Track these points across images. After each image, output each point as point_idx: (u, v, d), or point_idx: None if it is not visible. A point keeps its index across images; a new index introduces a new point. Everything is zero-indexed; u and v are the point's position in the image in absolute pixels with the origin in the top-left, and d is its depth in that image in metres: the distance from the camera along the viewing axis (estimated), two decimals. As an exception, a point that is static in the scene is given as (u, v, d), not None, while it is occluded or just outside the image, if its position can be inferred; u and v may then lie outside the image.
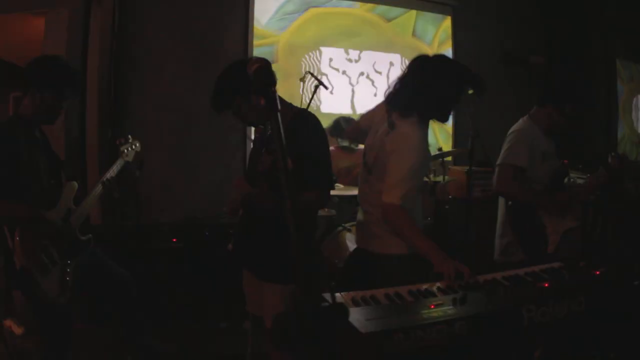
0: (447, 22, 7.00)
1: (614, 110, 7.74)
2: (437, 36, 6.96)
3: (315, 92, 4.73)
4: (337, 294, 1.93)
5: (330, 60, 6.30)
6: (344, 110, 6.28)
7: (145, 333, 3.49)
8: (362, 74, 6.47)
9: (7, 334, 3.03)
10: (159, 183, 5.36)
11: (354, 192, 5.24)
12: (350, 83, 6.42)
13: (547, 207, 3.40)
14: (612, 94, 7.72)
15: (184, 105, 5.55)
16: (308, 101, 4.67)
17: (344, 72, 6.39)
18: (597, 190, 3.45)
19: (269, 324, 2.65)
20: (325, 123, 5.84)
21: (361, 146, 5.70)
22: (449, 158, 6.08)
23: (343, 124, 5.53)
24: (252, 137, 4.51)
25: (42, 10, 5.35)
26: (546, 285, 2.06)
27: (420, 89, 2.68)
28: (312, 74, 4.86)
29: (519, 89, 5.90)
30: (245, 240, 2.81)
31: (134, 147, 3.50)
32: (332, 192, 4.82)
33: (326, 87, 4.82)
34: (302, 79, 5.13)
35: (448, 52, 6.97)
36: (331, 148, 5.54)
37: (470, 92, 4.80)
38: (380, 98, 2.95)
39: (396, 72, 6.57)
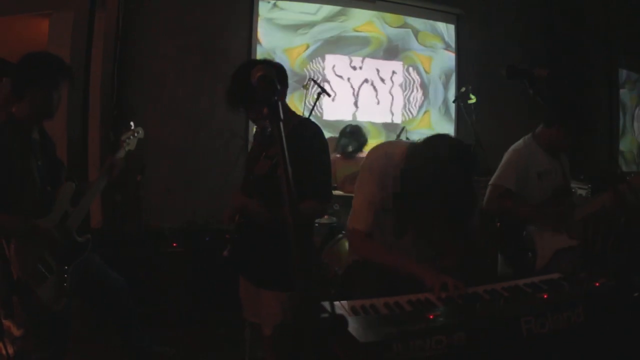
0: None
1: (615, 120, 7.74)
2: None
3: (318, 99, 4.74)
4: (337, 303, 1.93)
5: (334, 67, 6.32)
6: (347, 117, 6.30)
7: (144, 338, 3.48)
8: (365, 81, 6.48)
9: (7, 334, 3.01)
10: (161, 188, 5.37)
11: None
12: (353, 90, 6.44)
13: (535, 221, 3.42)
14: (615, 104, 7.71)
15: (187, 110, 5.58)
16: (311, 108, 4.68)
17: (348, 79, 6.41)
18: (602, 210, 3.44)
19: (267, 331, 2.65)
20: (328, 130, 5.87)
21: (361, 154, 5.74)
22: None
23: (348, 133, 5.57)
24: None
25: (46, 12, 5.37)
26: (545, 296, 2.05)
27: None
28: (315, 81, 4.88)
29: (522, 100, 5.90)
30: (242, 247, 2.80)
31: (136, 134, 3.44)
32: (333, 198, 4.84)
33: (329, 95, 4.84)
34: (306, 86, 5.14)
35: (451, 60, 7.02)
36: (334, 155, 5.59)
37: (472, 101, 4.84)
38: (382, 105, 2.94)
39: (399, 80, 6.59)
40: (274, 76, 1.54)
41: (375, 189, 2.47)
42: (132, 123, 3.48)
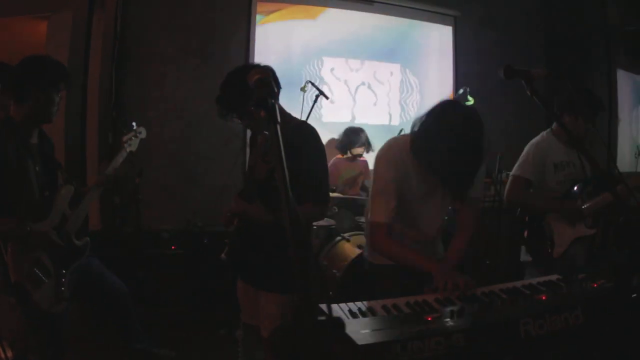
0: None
1: (614, 121, 7.74)
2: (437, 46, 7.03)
3: (315, 101, 4.74)
4: (335, 305, 1.93)
5: (332, 69, 6.32)
6: (345, 119, 6.29)
7: (144, 339, 3.48)
8: (363, 83, 6.48)
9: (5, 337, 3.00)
10: (159, 190, 5.36)
11: (353, 201, 5.29)
12: (350, 92, 6.43)
13: (555, 213, 3.54)
14: (613, 104, 7.71)
15: (185, 112, 5.58)
16: (308, 111, 4.68)
17: (345, 82, 6.40)
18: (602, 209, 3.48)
19: (265, 333, 2.65)
20: (326, 133, 5.86)
21: (362, 157, 5.73)
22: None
23: (351, 135, 5.57)
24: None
25: (44, 13, 5.37)
26: (544, 297, 2.06)
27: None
28: (312, 84, 4.87)
29: (520, 100, 5.90)
30: (241, 249, 2.80)
31: (138, 135, 3.42)
32: (333, 201, 4.83)
33: (327, 97, 4.83)
34: (303, 89, 5.13)
35: (449, 61, 7.03)
36: (334, 158, 5.59)
37: (469, 103, 4.83)
38: (380, 107, 2.95)
39: (396, 81, 6.59)
40: (271, 79, 1.54)
41: (391, 175, 2.54)
42: (134, 123, 3.46)
